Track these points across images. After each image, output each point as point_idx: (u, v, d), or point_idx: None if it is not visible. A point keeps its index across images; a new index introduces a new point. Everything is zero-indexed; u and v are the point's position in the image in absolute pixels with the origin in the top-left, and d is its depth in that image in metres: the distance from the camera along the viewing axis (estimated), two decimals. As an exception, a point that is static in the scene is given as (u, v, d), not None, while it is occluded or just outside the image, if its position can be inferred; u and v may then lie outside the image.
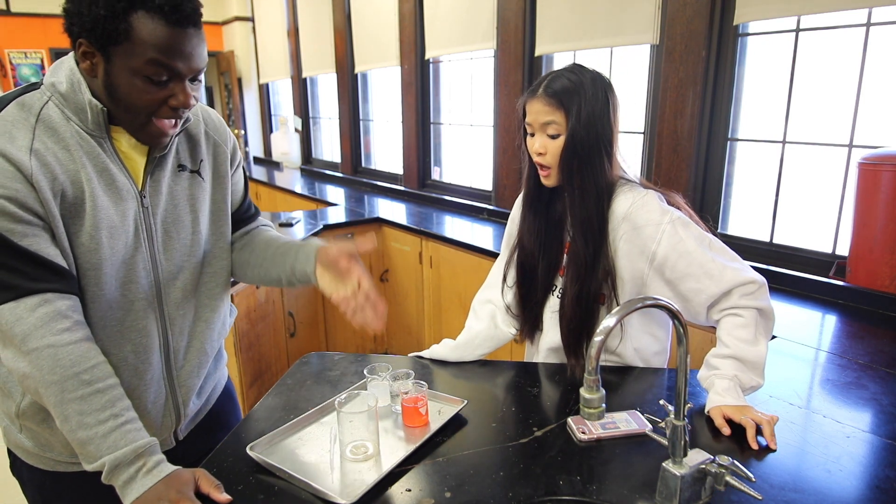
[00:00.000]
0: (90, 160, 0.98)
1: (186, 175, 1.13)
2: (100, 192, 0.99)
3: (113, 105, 0.97)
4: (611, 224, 1.28)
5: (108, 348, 1.03)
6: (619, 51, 2.81)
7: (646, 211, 1.24)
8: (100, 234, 0.98)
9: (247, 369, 2.45)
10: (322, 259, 1.16)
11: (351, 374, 1.39)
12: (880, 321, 1.83)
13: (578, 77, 1.25)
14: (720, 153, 2.42)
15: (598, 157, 1.26)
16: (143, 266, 1.06)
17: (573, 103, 1.23)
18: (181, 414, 1.18)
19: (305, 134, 5.90)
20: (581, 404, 0.85)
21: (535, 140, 1.28)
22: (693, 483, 0.89)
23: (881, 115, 2.05)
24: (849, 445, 1.10)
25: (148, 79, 0.93)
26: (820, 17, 2.11)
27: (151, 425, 1.12)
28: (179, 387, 1.16)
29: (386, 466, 1.02)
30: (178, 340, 1.14)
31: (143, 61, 0.91)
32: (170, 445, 1.20)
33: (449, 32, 3.66)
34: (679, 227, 1.23)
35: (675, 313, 0.85)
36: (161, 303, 1.10)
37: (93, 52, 0.93)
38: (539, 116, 1.26)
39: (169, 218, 1.10)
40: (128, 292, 1.05)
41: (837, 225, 2.14)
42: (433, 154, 4.17)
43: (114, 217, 1.00)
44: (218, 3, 7.05)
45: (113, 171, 1.01)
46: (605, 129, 1.25)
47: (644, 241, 1.25)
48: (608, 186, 1.29)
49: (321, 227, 3.27)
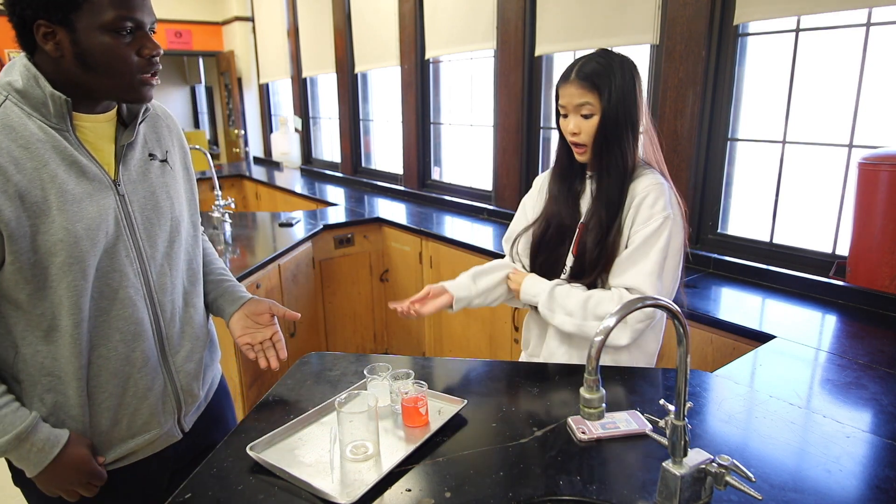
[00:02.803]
0: (57, 154, 0.98)
1: (157, 164, 1.15)
2: (70, 185, 0.98)
3: (91, 76, 0.98)
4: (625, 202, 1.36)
5: (98, 340, 1.05)
6: (620, 51, 2.80)
7: (653, 200, 1.33)
8: (76, 227, 0.98)
9: (247, 369, 2.45)
10: (250, 308, 1.31)
11: (351, 374, 1.39)
12: (880, 321, 1.83)
13: (608, 60, 1.34)
14: (720, 153, 2.42)
15: (626, 137, 1.35)
16: (126, 255, 1.07)
17: (605, 85, 1.32)
18: (181, 399, 1.20)
19: (305, 134, 5.89)
20: (581, 404, 0.85)
21: (570, 121, 1.36)
22: (693, 483, 0.89)
23: (881, 115, 2.04)
24: (849, 445, 1.10)
25: (115, 32, 0.96)
26: (820, 17, 2.10)
27: (153, 412, 1.15)
28: (177, 372, 1.18)
29: (386, 466, 1.02)
30: (171, 327, 1.16)
31: (106, 15, 0.94)
32: (176, 437, 1.21)
33: (449, 32, 3.66)
34: (666, 225, 1.32)
35: (675, 313, 0.85)
36: (150, 290, 1.11)
37: (53, 29, 0.94)
38: (573, 99, 1.34)
39: (148, 205, 1.11)
40: (112, 282, 1.05)
41: (837, 225, 2.14)
42: (433, 154, 4.17)
43: (89, 208, 1.00)
44: (218, 3, 7.05)
45: (83, 163, 1.01)
46: (633, 108, 1.34)
47: (636, 220, 1.35)
48: (633, 166, 1.37)
49: (321, 227, 3.27)
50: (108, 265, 1.04)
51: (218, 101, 8.09)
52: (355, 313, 3.54)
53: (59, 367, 1.03)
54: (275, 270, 2.73)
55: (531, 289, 1.44)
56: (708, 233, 2.50)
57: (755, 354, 1.59)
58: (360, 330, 3.57)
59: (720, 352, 1.86)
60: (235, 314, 1.30)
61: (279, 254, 2.75)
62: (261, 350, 1.31)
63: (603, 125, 1.33)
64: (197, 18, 7.12)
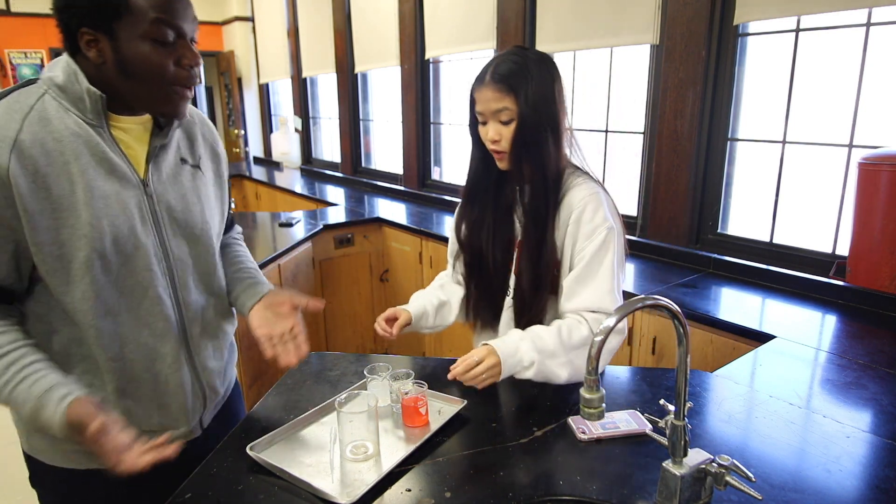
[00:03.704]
0: (88, 149, 0.99)
1: (189, 168, 1.16)
2: (99, 181, 0.99)
3: (130, 84, 0.99)
4: (561, 214, 1.29)
5: (127, 334, 1.06)
6: (619, 51, 2.81)
7: (591, 211, 1.26)
8: (101, 223, 0.99)
9: (247, 369, 2.45)
10: (270, 298, 1.25)
11: (351, 374, 1.39)
12: (880, 321, 1.83)
13: (523, 59, 1.24)
14: (720, 153, 2.42)
15: (547, 141, 1.26)
16: (155, 253, 1.08)
17: (521, 86, 1.22)
18: (207, 396, 1.21)
19: (305, 134, 5.89)
20: (581, 404, 0.85)
21: (489, 128, 1.27)
22: (693, 483, 0.89)
23: (881, 115, 2.04)
24: (849, 445, 1.10)
25: (156, 41, 0.96)
26: (820, 17, 2.10)
27: (181, 408, 1.16)
28: (202, 369, 1.19)
29: (386, 466, 1.02)
30: (194, 326, 1.17)
31: (148, 24, 0.95)
32: (197, 433, 1.23)
33: (449, 32, 3.66)
34: (611, 237, 1.26)
35: (675, 314, 0.85)
36: (175, 288, 1.12)
37: (96, 37, 0.95)
38: (490, 104, 1.25)
39: (177, 207, 1.11)
40: (142, 279, 1.06)
41: (837, 225, 2.14)
42: (433, 154, 4.17)
43: (114, 206, 1.01)
44: (218, 3, 7.05)
45: (113, 160, 1.02)
46: (553, 109, 1.25)
47: (577, 236, 1.28)
48: (558, 172, 1.30)
49: (321, 227, 3.27)
50: (137, 262, 1.05)
51: (218, 101, 8.09)
52: (355, 313, 3.54)
53: (92, 353, 1.04)
54: (275, 270, 2.73)
55: (512, 360, 1.22)
56: (708, 233, 2.50)
57: (755, 354, 1.59)
58: (360, 330, 3.57)
59: (720, 352, 1.86)
60: (255, 307, 1.25)
61: (279, 254, 2.75)
62: (280, 343, 1.20)
63: (521, 130, 1.24)
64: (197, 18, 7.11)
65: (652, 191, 2.62)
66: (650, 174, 2.63)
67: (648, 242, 2.59)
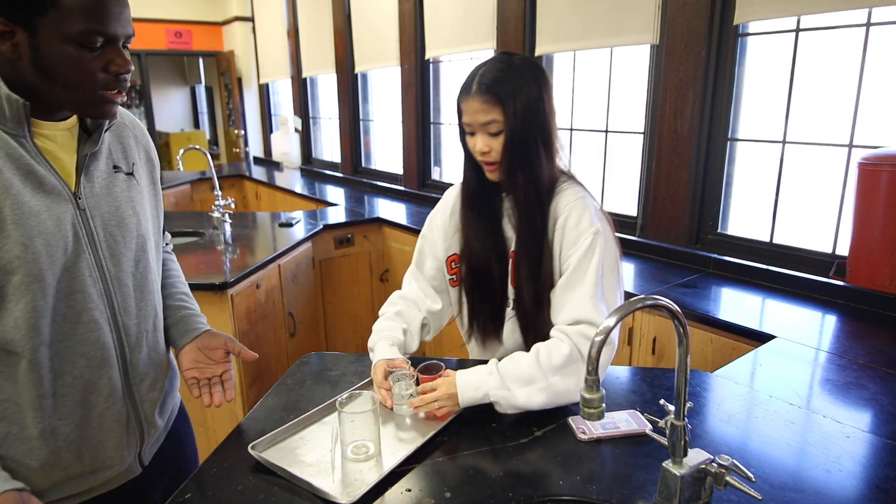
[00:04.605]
0: (11, 162, 0.89)
1: (123, 177, 1.06)
2: (26, 196, 0.90)
3: (48, 85, 0.90)
4: (549, 222, 1.26)
5: (62, 366, 0.96)
6: (619, 51, 2.81)
7: (576, 217, 1.23)
8: (34, 242, 0.89)
9: (247, 369, 2.45)
10: (203, 341, 1.19)
11: (351, 374, 1.39)
12: (880, 321, 1.83)
13: (508, 66, 1.20)
14: (720, 153, 2.42)
15: (538, 150, 1.22)
16: (90, 274, 0.98)
17: (508, 96, 1.18)
18: (144, 431, 1.11)
19: (305, 134, 5.89)
20: (581, 404, 0.85)
21: (477, 140, 1.23)
22: (693, 483, 0.89)
23: (881, 115, 2.05)
24: (849, 445, 1.10)
25: (81, 46, 0.87)
26: (820, 17, 2.10)
27: (116, 445, 1.06)
28: (141, 402, 1.09)
29: (387, 466, 1.02)
30: (135, 353, 1.07)
31: (74, 27, 0.85)
32: (136, 472, 1.13)
33: (449, 32, 3.66)
34: (597, 240, 1.21)
35: (675, 314, 0.85)
36: (113, 312, 1.02)
37: (12, 29, 0.85)
38: (477, 116, 1.21)
39: (112, 220, 1.02)
40: (74, 303, 0.96)
41: (837, 225, 2.14)
42: (433, 154, 4.17)
43: (47, 222, 0.92)
44: (218, 3, 7.06)
45: (40, 173, 0.92)
46: (542, 118, 1.22)
47: (563, 243, 1.24)
48: (551, 180, 1.27)
49: (321, 227, 3.27)
50: (70, 285, 0.95)
51: (218, 101, 8.09)
52: (355, 313, 3.54)
53: (17, 392, 0.94)
54: (275, 270, 2.73)
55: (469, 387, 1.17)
56: (708, 233, 2.51)
57: (755, 354, 1.59)
58: (360, 330, 3.57)
59: (720, 352, 1.86)
60: (187, 346, 1.19)
61: (279, 254, 2.76)
62: (206, 385, 1.18)
63: (510, 141, 1.20)
64: (197, 18, 7.12)
65: (652, 191, 2.63)
66: (650, 174, 2.63)
67: (648, 242, 2.59)
